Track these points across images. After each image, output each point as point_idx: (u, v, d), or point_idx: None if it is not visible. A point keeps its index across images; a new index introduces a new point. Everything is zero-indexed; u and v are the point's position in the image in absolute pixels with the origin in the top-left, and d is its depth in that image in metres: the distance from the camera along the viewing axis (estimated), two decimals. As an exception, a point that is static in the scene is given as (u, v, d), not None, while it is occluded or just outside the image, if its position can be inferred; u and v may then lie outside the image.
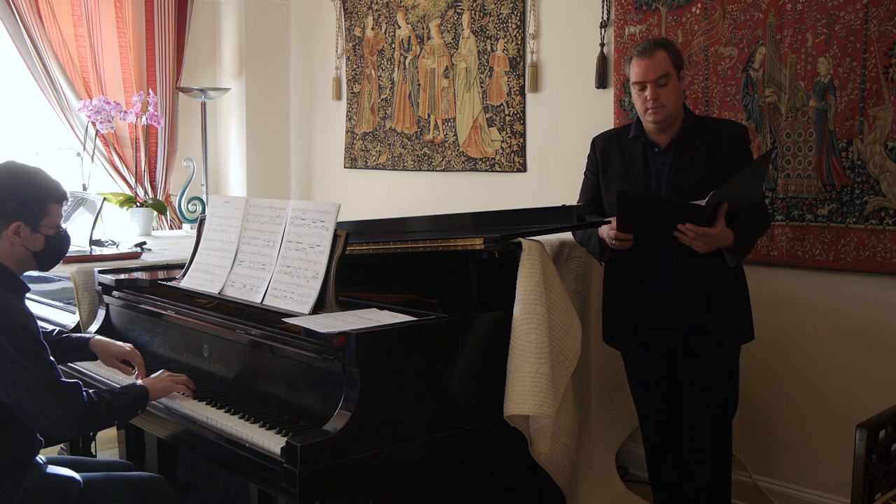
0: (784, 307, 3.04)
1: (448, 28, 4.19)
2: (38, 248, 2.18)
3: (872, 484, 1.87)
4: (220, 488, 2.94)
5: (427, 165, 4.35)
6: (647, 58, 2.50)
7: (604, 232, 2.55)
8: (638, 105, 2.57)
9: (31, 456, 2.17)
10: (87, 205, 3.55)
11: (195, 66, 5.12)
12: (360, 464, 2.03)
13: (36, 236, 2.17)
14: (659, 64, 2.50)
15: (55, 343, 2.46)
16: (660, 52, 2.51)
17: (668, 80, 2.50)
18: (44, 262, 2.24)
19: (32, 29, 4.39)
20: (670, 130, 2.58)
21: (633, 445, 3.36)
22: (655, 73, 2.49)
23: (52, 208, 2.19)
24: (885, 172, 2.76)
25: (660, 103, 2.50)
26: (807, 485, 3.07)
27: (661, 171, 2.59)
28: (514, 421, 2.37)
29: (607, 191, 2.69)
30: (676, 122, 2.57)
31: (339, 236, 2.37)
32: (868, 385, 2.88)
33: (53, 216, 2.20)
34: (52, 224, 2.20)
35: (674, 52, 2.55)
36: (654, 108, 2.51)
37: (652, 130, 2.60)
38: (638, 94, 2.55)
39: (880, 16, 2.75)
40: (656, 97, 2.50)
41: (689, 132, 2.57)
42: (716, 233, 2.36)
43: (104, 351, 2.53)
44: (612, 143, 2.71)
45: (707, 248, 2.38)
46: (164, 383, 2.32)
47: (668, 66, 2.51)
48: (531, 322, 2.33)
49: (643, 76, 2.51)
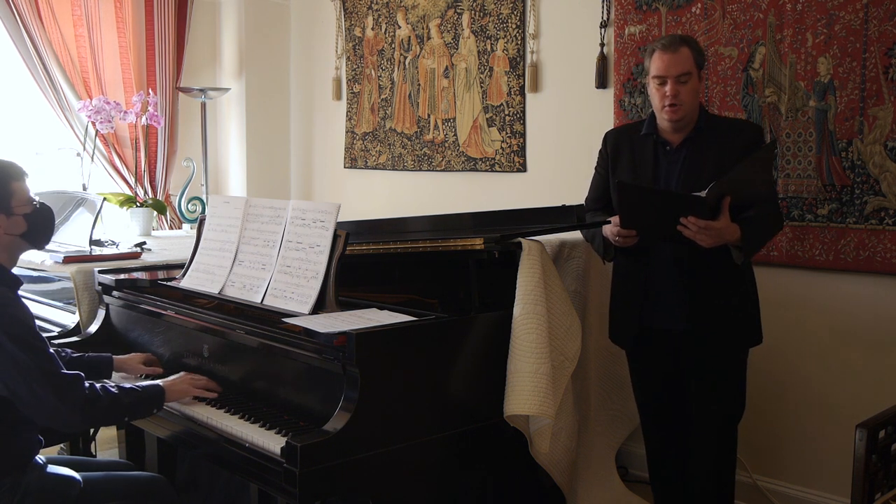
0: (784, 307, 3.04)
1: (448, 28, 4.19)
2: (21, 229, 2.16)
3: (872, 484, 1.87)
4: (220, 488, 2.94)
5: (427, 165, 4.35)
6: (672, 53, 2.43)
7: (607, 230, 2.53)
8: (655, 101, 2.50)
9: (31, 455, 2.17)
10: (87, 205, 3.55)
11: (195, 66, 5.12)
12: (360, 464, 2.03)
13: (14, 219, 2.14)
14: (682, 60, 2.43)
15: (70, 364, 2.43)
16: (684, 48, 2.45)
17: (689, 79, 2.44)
18: (35, 239, 2.21)
19: (32, 29, 4.38)
20: (684, 129, 2.52)
21: (633, 445, 3.36)
22: (678, 69, 2.43)
23: (15, 187, 2.15)
24: (885, 172, 2.76)
25: (679, 101, 2.44)
26: (807, 485, 3.07)
27: (672, 170, 2.54)
28: (514, 421, 2.37)
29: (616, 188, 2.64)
30: (691, 121, 2.52)
31: (339, 236, 2.37)
32: (868, 385, 2.88)
33: (20, 194, 2.16)
34: (23, 201, 2.16)
35: (697, 50, 2.49)
36: (672, 107, 2.44)
37: (666, 128, 2.54)
38: (657, 88, 2.47)
39: (880, 16, 2.75)
40: (676, 94, 2.43)
41: (702, 131, 2.51)
42: (719, 226, 2.31)
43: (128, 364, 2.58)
44: (624, 139, 2.66)
45: (711, 243, 2.33)
46: (183, 385, 2.31)
47: (691, 65, 2.45)
48: (531, 322, 2.33)
49: (665, 71, 2.44)
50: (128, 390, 2.18)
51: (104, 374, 2.55)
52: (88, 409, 2.07)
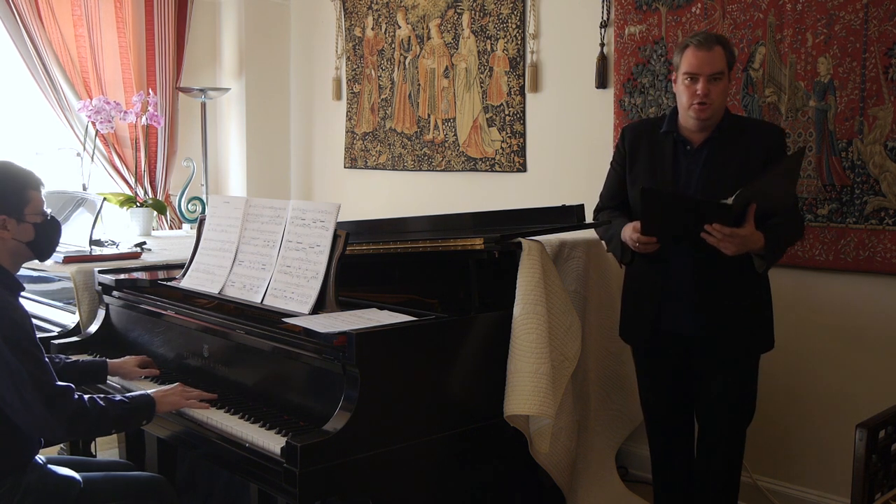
0: (784, 307, 3.03)
1: (448, 28, 4.19)
2: (29, 237, 2.18)
3: (872, 484, 1.87)
4: (220, 488, 2.94)
5: (427, 165, 4.35)
6: (706, 51, 2.38)
7: (626, 234, 2.48)
8: (683, 98, 2.44)
9: (31, 456, 2.17)
10: (87, 205, 3.55)
11: (195, 66, 5.12)
12: (360, 464, 2.03)
13: (24, 226, 2.16)
14: (716, 59, 2.39)
15: (65, 369, 2.44)
16: (718, 47, 2.40)
17: (721, 78, 2.40)
18: (40, 250, 2.23)
19: (32, 29, 4.38)
20: (707, 129, 2.47)
21: (633, 445, 3.36)
22: (712, 67, 2.38)
23: (31, 195, 2.18)
24: (885, 172, 2.76)
25: (709, 100, 2.38)
26: (807, 485, 3.07)
27: (692, 170, 2.48)
28: (514, 421, 2.37)
29: (633, 186, 2.59)
30: (715, 121, 2.46)
31: (339, 236, 2.37)
32: (868, 385, 2.88)
33: (35, 203, 2.19)
34: (36, 211, 2.19)
35: (730, 51, 2.45)
36: (701, 106, 2.39)
37: (689, 127, 2.48)
38: (687, 86, 2.41)
39: (880, 16, 2.75)
40: (707, 93, 2.37)
41: (724, 132, 2.46)
42: (745, 234, 2.27)
43: (123, 368, 2.57)
44: (643, 135, 2.60)
45: (736, 251, 2.29)
46: (175, 398, 2.29)
47: (724, 64, 2.41)
48: (531, 322, 2.33)
49: (698, 68, 2.39)
50: (117, 403, 2.15)
51: (99, 379, 2.55)
52: (75, 422, 2.05)
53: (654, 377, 2.70)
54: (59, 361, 2.46)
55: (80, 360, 2.55)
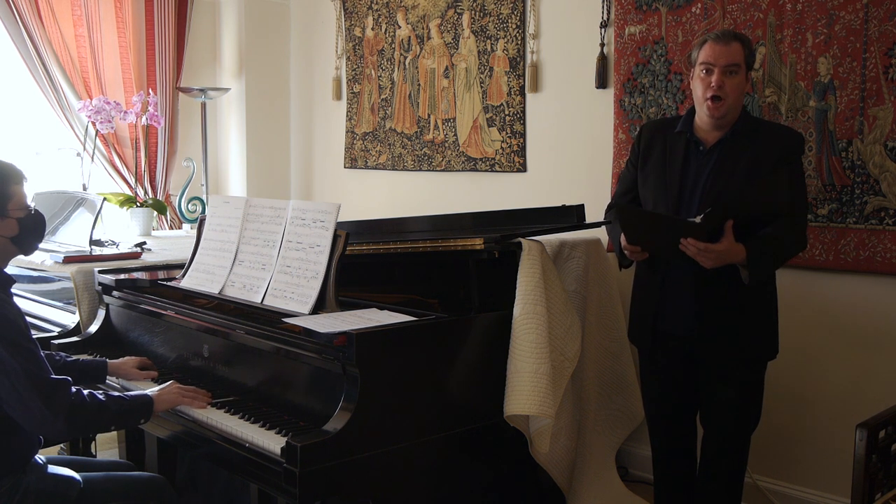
0: (784, 307, 3.02)
1: (448, 28, 4.19)
2: (13, 232, 2.15)
3: (872, 484, 1.87)
4: (220, 488, 2.94)
5: (427, 165, 4.35)
6: (723, 44, 2.38)
7: (621, 241, 2.49)
8: (698, 91, 2.43)
9: (31, 455, 2.17)
10: (87, 205, 3.55)
11: (195, 66, 5.12)
12: (360, 464, 2.03)
13: (7, 221, 2.14)
14: (733, 53, 2.38)
15: (64, 367, 2.43)
16: (736, 43, 2.40)
17: (737, 71, 2.39)
18: (24, 245, 2.21)
19: (32, 29, 4.39)
20: (721, 129, 2.45)
21: (633, 445, 3.37)
22: (727, 59, 2.37)
23: (14, 190, 2.15)
24: (885, 172, 2.76)
25: (723, 93, 2.37)
26: (807, 485, 3.07)
27: (701, 172, 2.46)
28: (514, 421, 2.37)
29: (644, 184, 2.60)
30: (731, 121, 2.44)
31: (339, 236, 2.37)
32: (868, 385, 2.88)
33: (18, 198, 2.16)
34: (19, 206, 2.16)
35: (749, 49, 2.44)
36: (715, 100, 2.38)
37: (704, 125, 2.47)
38: (702, 78, 2.41)
39: (880, 16, 2.75)
40: (721, 84, 2.36)
41: (738, 133, 2.43)
42: (720, 249, 2.27)
43: (122, 369, 2.56)
44: (658, 134, 2.59)
45: (713, 265, 2.29)
46: (172, 396, 2.29)
47: (741, 58, 2.40)
48: (531, 322, 2.33)
49: (713, 59, 2.38)
50: (115, 398, 2.15)
51: (99, 378, 2.55)
52: (74, 415, 2.04)
53: (658, 379, 2.69)
54: (59, 359, 2.46)
55: (80, 360, 2.55)
